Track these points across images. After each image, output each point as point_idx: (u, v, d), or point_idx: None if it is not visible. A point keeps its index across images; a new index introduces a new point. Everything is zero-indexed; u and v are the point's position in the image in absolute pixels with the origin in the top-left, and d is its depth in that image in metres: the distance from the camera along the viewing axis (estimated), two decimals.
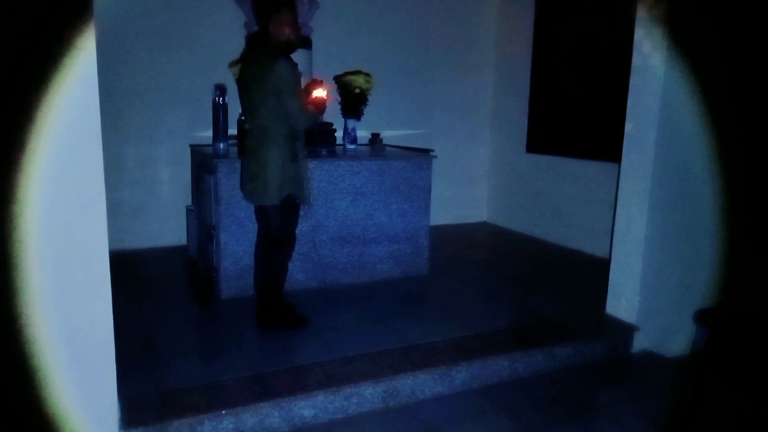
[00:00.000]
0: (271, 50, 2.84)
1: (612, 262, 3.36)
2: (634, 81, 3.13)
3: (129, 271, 3.97)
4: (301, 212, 3.19)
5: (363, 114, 4.10)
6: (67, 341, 1.95)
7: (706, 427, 2.41)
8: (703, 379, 2.45)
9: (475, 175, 5.97)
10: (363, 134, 4.31)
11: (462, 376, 2.75)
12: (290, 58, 2.86)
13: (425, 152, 4.12)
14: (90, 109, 1.89)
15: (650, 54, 3.02)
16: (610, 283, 3.38)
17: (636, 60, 3.10)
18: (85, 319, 1.99)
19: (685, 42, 2.96)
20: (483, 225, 5.98)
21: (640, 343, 3.24)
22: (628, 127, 3.18)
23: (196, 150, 4.25)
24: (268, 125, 2.84)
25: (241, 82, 2.99)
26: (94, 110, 1.89)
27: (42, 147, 1.81)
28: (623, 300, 3.29)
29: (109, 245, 2.01)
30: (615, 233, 3.34)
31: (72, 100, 1.85)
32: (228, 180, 3.38)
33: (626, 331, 3.23)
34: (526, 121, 5.47)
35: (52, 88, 1.80)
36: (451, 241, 5.11)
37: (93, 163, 1.92)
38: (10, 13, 1.71)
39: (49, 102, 1.80)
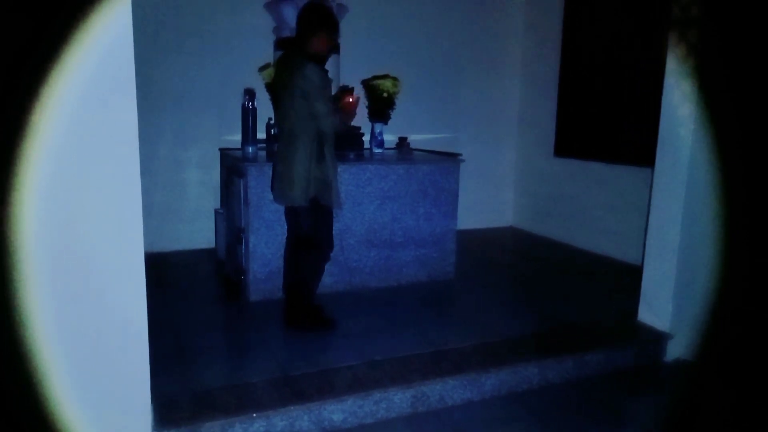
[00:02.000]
0: (301, 54, 2.90)
1: (645, 268, 3.29)
2: (668, 82, 3.06)
3: (159, 273, 4.01)
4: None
5: (390, 118, 4.11)
6: (103, 341, 1.98)
7: (707, 427, 2.35)
8: (704, 380, 2.40)
9: (501, 179, 5.92)
10: (390, 138, 4.31)
11: (491, 382, 2.72)
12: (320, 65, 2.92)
13: (453, 156, 4.10)
14: (127, 112, 1.92)
15: (685, 55, 2.96)
16: (642, 290, 3.30)
17: (670, 61, 3.04)
18: (121, 319, 2.02)
19: (720, 42, 2.89)
20: (509, 229, 5.92)
21: (673, 351, 3.16)
22: (662, 130, 3.12)
23: (225, 153, 4.30)
24: (295, 127, 2.89)
25: (272, 87, 3.03)
26: (131, 113, 1.92)
27: (80, 150, 1.85)
28: (656, 307, 3.22)
29: None
30: (648, 239, 3.27)
31: (110, 104, 1.88)
32: (257, 183, 3.41)
33: (659, 339, 3.16)
34: (555, 125, 5.40)
35: (92, 91, 1.83)
36: (477, 246, 5.07)
37: (130, 165, 1.95)
38: (47, 15, 1.74)
39: (89, 105, 1.83)
